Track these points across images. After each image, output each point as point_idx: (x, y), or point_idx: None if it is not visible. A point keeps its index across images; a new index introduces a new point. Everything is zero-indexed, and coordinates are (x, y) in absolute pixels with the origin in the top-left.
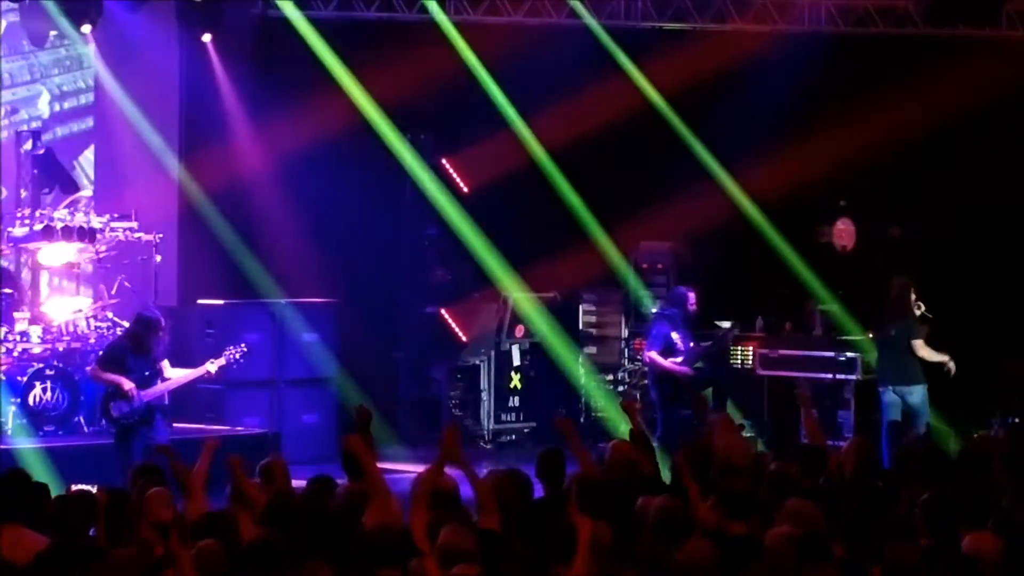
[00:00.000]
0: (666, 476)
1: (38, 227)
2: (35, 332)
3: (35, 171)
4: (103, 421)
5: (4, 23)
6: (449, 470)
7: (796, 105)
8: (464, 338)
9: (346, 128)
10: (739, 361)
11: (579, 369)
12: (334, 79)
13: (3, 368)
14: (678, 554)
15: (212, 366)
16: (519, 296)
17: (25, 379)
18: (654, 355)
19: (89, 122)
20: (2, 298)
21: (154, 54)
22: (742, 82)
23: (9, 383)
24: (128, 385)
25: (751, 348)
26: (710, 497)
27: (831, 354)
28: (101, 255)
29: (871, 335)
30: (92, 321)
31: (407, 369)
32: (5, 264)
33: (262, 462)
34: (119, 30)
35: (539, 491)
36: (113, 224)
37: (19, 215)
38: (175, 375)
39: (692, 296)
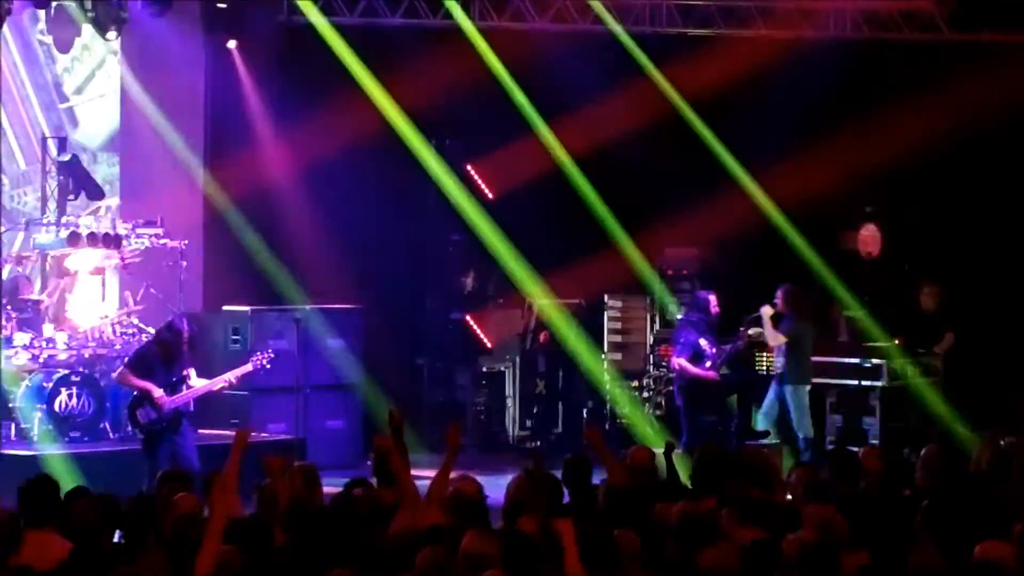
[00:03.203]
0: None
1: (64, 233)
2: (61, 338)
3: (61, 177)
4: (130, 427)
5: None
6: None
7: (821, 111)
8: (489, 344)
9: (371, 134)
10: (764, 367)
11: (604, 375)
12: (359, 85)
13: (29, 374)
14: (701, 559)
15: (238, 372)
16: (544, 302)
17: (51, 385)
18: (683, 362)
19: None
20: (28, 304)
21: (179, 61)
22: (767, 88)
23: (35, 389)
24: (158, 392)
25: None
26: (731, 504)
27: (856, 360)
28: (127, 261)
29: None
30: (118, 327)
31: (432, 375)
32: (31, 271)
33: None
34: (144, 36)
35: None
36: (139, 230)
37: (45, 222)
38: (201, 383)
39: (713, 299)
